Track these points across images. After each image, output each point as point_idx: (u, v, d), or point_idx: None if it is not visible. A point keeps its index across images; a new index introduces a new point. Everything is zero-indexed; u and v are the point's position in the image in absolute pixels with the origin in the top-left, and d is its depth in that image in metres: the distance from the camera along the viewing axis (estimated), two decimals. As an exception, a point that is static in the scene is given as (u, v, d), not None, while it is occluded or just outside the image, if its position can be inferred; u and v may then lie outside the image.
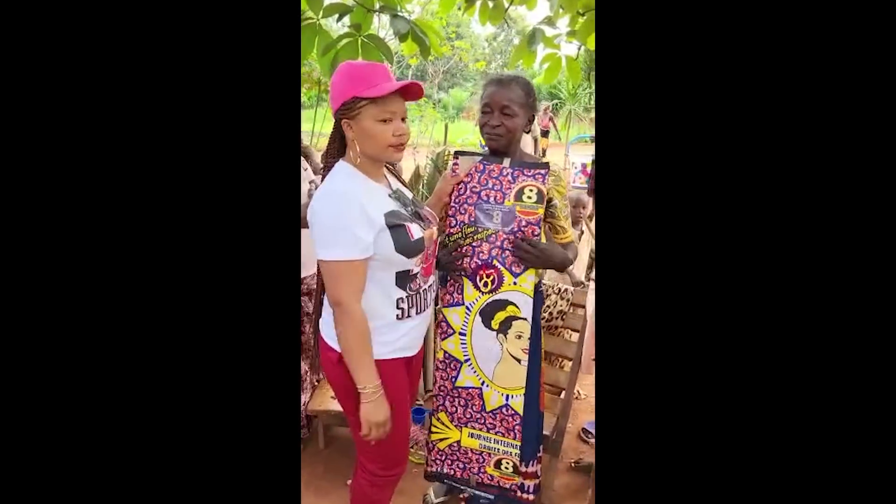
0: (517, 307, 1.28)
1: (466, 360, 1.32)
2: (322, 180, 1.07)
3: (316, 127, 4.95)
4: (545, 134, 8.70)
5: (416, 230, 1.07)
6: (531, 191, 1.25)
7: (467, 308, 1.29)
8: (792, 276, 0.45)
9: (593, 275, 2.30)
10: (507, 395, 1.31)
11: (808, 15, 0.44)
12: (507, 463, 1.36)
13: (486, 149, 1.35)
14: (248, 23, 0.51)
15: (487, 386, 1.32)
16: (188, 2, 0.48)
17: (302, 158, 1.68)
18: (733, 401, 0.47)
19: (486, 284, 1.26)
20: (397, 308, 1.10)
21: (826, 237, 0.44)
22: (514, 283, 1.25)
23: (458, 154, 1.33)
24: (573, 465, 1.92)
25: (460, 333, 1.30)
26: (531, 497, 1.38)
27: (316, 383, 1.95)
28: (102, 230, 0.45)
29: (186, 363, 0.48)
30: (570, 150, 8.39)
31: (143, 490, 0.47)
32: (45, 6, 0.41)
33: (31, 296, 0.41)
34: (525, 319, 1.29)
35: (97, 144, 0.45)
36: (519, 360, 1.29)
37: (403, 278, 1.08)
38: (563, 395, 1.83)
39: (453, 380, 1.34)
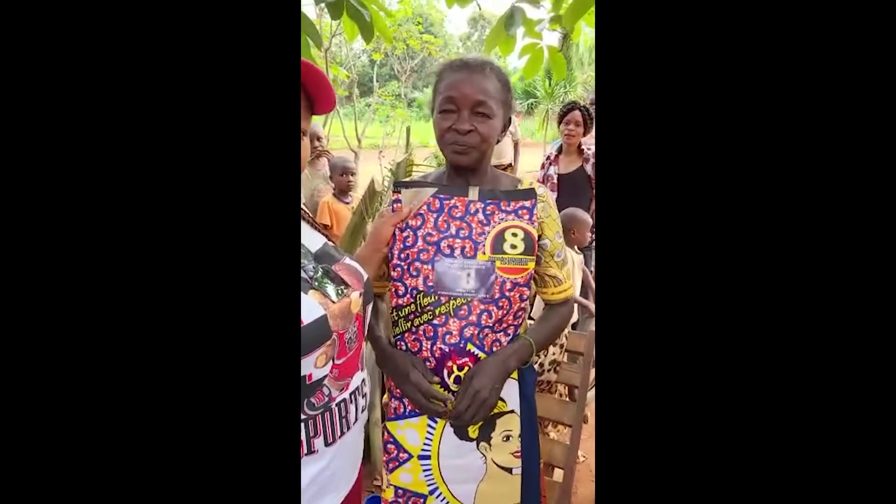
0: (502, 400, 0.88)
1: (433, 492, 0.90)
2: None
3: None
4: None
5: (311, 306, 0.65)
6: (515, 235, 0.85)
7: (430, 419, 0.88)
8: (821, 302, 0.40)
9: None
10: (495, 521, 0.91)
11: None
12: None
13: (441, 173, 0.93)
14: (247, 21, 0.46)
15: (465, 516, 0.91)
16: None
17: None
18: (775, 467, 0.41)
19: (457, 381, 0.85)
20: None
21: (845, 256, 0.40)
22: None
23: (399, 186, 0.91)
24: (576, 563, 1.51)
25: (421, 457, 0.88)
26: None
27: None
28: (99, 233, 0.42)
29: (183, 368, 0.44)
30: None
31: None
32: (43, 6, 0.40)
33: (22, 287, 0.40)
34: (513, 412, 0.89)
35: (93, 142, 0.42)
36: (510, 470, 0.89)
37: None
38: (560, 477, 1.43)
39: None
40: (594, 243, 2.44)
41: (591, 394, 1.83)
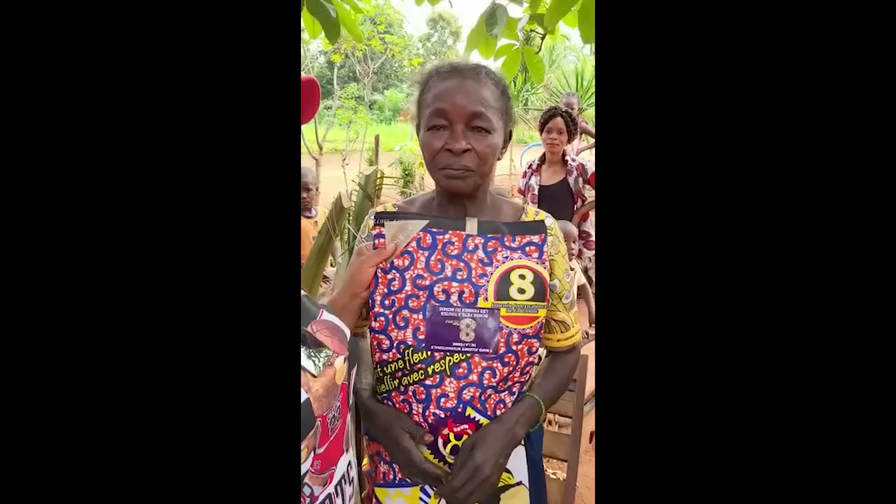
0: (508, 471, 0.74)
1: None
2: None
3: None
4: None
5: None
6: (523, 278, 0.71)
7: (423, 490, 0.73)
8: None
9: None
10: None
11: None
12: None
13: (429, 200, 0.78)
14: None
15: None
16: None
17: None
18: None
19: (454, 451, 0.70)
20: None
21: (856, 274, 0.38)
22: None
23: (380, 217, 0.75)
24: None
25: (411, 539, 0.73)
26: None
27: None
28: (96, 236, 0.41)
29: (180, 372, 0.41)
30: (522, 161, 7.97)
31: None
32: (43, 5, 0.40)
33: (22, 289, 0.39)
34: (521, 484, 0.75)
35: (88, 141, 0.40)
36: None
37: None
38: (559, 520, 1.31)
39: None
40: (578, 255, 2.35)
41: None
